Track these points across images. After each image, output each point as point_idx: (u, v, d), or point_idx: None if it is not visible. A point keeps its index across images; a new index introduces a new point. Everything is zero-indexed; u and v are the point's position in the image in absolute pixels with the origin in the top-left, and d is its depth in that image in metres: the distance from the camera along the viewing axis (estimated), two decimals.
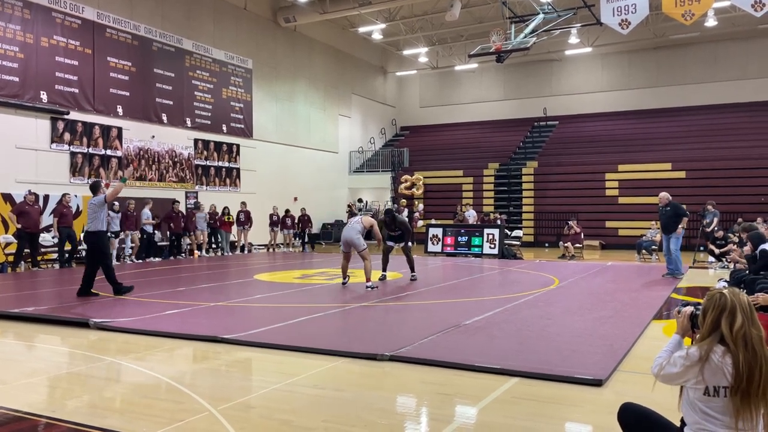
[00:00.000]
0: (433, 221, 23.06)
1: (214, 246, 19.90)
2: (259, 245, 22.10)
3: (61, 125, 16.41)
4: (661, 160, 23.46)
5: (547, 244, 23.60)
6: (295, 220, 22.18)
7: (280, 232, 21.78)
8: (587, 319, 7.58)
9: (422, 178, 26.85)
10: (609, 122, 28.21)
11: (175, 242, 18.03)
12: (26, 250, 14.12)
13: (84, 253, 15.64)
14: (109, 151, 17.70)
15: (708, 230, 16.35)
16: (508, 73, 30.59)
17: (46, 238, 15.22)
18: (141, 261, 16.55)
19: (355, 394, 4.66)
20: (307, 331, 6.91)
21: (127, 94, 18.27)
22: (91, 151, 17.21)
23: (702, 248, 17.38)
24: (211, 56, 21.33)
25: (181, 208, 18.70)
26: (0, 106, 15.02)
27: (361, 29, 26.77)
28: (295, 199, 24.59)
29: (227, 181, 21.97)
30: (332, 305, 8.72)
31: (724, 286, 3.41)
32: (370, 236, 11.40)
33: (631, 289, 10.61)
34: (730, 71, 26.49)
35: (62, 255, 14.93)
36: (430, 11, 25.28)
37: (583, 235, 18.78)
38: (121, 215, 16.08)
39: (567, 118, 29.29)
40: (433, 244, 19.63)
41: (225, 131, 21.81)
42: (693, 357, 2.65)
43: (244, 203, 20.40)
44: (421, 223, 24.55)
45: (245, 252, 20.42)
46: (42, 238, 14.92)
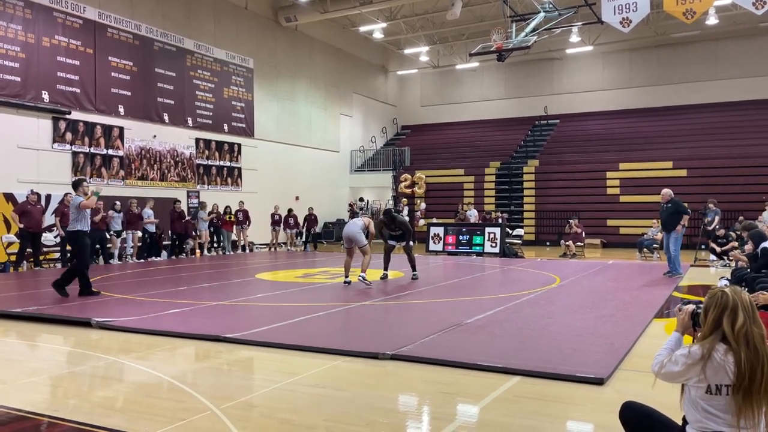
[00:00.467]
0: (435, 220, 23.06)
1: (216, 245, 19.93)
2: (261, 244, 22.12)
3: (62, 125, 16.43)
4: (662, 159, 23.44)
5: (548, 243, 23.59)
6: (297, 219, 22.21)
7: (282, 231, 21.80)
8: (588, 317, 7.58)
9: (424, 177, 26.80)
10: (610, 121, 28.18)
11: (177, 242, 18.04)
12: (28, 250, 14.16)
13: None
14: (110, 151, 17.73)
15: (709, 229, 16.33)
16: (509, 72, 30.57)
17: (48, 238, 15.25)
18: (143, 260, 16.57)
19: (356, 393, 4.66)
20: (309, 330, 6.91)
21: (129, 93, 18.29)
22: (93, 150, 17.24)
23: (703, 247, 17.37)
24: (212, 56, 21.34)
25: (183, 208, 18.71)
26: (2, 105, 15.06)
27: (362, 28, 26.77)
28: (297, 198, 24.59)
29: (229, 180, 21.99)
30: (334, 304, 8.72)
31: (726, 285, 3.40)
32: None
33: (632, 287, 10.60)
34: (731, 69, 26.44)
35: (64, 254, 14.97)
36: (431, 10, 25.26)
37: (584, 233, 18.78)
38: (123, 215, 16.11)
39: (568, 117, 29.26)
40: (435, 242, 19.64)
41: (226, 131, 21.83)
42: (695, 355, 2.66)
43: (242, 202, 20.43)
44: (422, 222, 24.54)
45: (247, 251, 20.44)
46: (44, 237, 14.95)
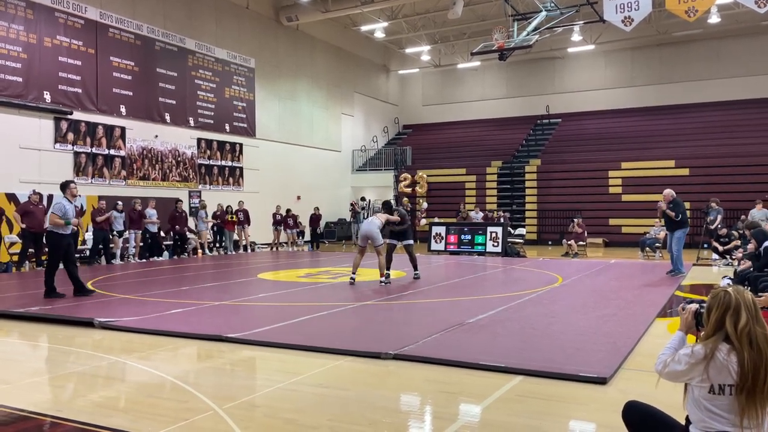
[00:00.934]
0: (436, 219, 23.04)
1: (218, 245, 19.94)
2: (263, 244, 22.13)
3: (64, 125, 16.45)
4: (664, 158, 23.42)
5: (550, 242, 23.56)
6: (297, 219, 22.22)
7: (284, 231, 21.81)
8: (591, 317, 7.57)
9: (426, 176, 26.78)
10: (612, 120, 28.14)
11: (179, 242, 18.05)
12: (30, 250, 14.17)
13: (87, 252, 15.75)
14: (112, 151, 17.75)
15: (711, 228, 16.31)
16: (510, 71, 30.54)
17: None
18: (144, 260, 16.58)
19: (359, 393, 4.66)
20: (311, 330, 6.91)
21: (130, 93, 18.30)
22: (95, 150, 17.26)
23: (706, 246, 17.34)
24: (214, 55, 21.35)
25: (185, 207, 18.73)
26: (4, 106, 15.09)
27: (364, 28, 26.77)
28: (299, 198, 24.60)
29: (230, 180, 22.01)
30: (336, 304, 8.72)
31: (729, 284, 3.39)
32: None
33: (634, 286, 10.58)
34: (733, 68, 26.40)
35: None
36: (432, 9, 25.25)
37: (586, 233, 18.76)
38: (125, 215, 16.12)
39: (570, 116, 29.23)
40: (437, 242, 19.62)
41: (228, 130, 21.84)
42: (698, 355, 2.65)
43: (242, 202, 20.44)
44: (424, 221, 24.52)
45: (248, 251, 20.45)
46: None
